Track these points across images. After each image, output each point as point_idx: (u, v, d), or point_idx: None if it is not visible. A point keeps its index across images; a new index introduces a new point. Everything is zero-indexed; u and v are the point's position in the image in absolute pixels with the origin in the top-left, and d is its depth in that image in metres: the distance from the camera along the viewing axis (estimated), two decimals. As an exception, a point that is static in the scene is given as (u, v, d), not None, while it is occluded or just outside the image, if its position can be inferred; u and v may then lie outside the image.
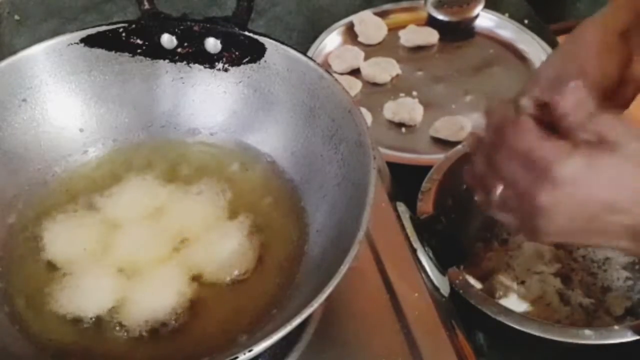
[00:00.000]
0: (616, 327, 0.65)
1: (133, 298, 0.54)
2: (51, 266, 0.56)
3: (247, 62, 0.62)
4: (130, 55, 0.63)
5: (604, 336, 0.64)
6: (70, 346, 0.52)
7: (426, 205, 0.73)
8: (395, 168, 0.74)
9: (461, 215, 0.77)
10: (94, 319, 0.53)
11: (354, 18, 1.05)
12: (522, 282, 0.74)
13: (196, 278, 0.55)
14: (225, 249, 0.57)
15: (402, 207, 0.63)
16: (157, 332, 0.52)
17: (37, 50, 0.61)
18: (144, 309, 0.53)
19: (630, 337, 0.63)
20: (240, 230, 0.58)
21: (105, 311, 0.53)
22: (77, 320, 0.53)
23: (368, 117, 0.92)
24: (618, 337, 0.63)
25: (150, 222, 0.59)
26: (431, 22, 1.07)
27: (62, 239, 0.58)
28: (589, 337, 0.63)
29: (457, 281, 0.67)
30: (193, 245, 0.57)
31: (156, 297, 0.54)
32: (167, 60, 0.63)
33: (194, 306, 0.54)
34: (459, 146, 0.79)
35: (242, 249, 0.57)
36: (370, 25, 1.03)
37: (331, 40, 1.03)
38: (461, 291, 0.66)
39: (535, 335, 0.64)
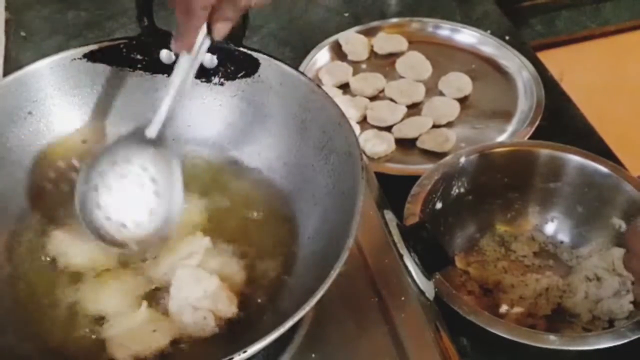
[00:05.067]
0: (585, 334, 0.67)
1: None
2: (56, 271, 0.58)
3: (242, 77, 0.64)
4: (131, 69, 0.65)
5: (569, 343, 0.65)
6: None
7: (414, 206, 0.74)
8: (383, 178, 0.76)
9: (454, 217, 0.79)
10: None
11: (339, 37, 1.07)
12: (521, 282, 0.76)
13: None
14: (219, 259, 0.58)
15: (389, 215, 0.64)
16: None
17: (42, 65, 0.63)
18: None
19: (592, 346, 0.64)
20: (235, 238, 0.60)
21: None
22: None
23: (357, 129, 0.95)
24: (583, 345, 0.65)
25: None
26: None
27: (67, 247, 0.58)
28: (552, 342, 0.64)
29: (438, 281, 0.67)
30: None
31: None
32: (165, 75, 0.64)
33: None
34: (450, 156, 0.81)
35: (237, 258, 0.58)
36: (356, 43, 1.06)
37: (321, 56, 1.04)
38: (445, 299, 0.67)
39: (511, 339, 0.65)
